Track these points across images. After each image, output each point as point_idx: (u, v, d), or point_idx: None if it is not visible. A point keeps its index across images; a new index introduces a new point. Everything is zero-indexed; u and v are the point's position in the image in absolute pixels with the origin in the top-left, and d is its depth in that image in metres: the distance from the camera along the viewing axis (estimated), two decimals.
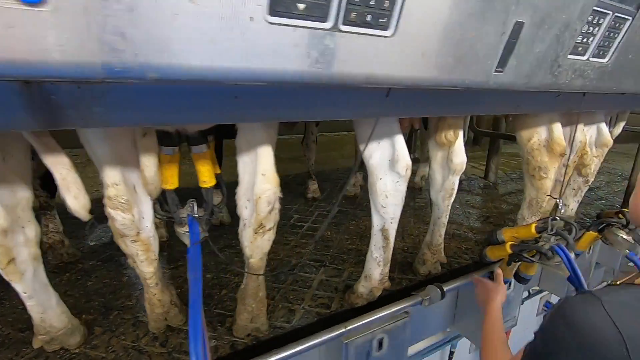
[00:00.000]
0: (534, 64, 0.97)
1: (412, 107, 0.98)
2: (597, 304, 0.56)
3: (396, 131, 1.45)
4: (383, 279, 1.71)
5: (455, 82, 0.83)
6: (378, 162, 1.52)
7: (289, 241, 2.58)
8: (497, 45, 0.86)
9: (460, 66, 0.83)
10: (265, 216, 1.25)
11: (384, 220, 1.61)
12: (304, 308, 1.83)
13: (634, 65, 1.26)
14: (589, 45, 1.08)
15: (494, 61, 0.88)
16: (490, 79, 0.91)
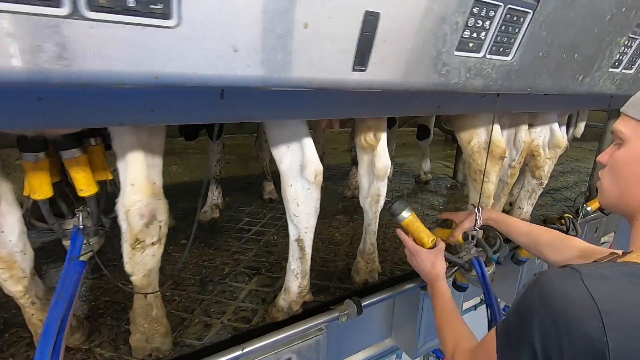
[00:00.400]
0: (407, 61, 0.85)
1: (251, 110, 0.86)
2: (575, 277, 0.53)
3: (304, 134, 1.33)
4: (302, 292, 1.59)
5: (295, 81, 0.71)
6: (288, 167, 1.40)
7: (230, 246, 2.46)
8: (349, 39, 0.74)
9: (299, 63, 0.70)
10: (141, 230, 1.12)
11: (298, 230, 1.49)
12: (223, 322, 1.71)
13: (546, 63, 1.15)
14: (482, 41, 0.96)
15: (349, 58, 0.76)
16: (348, 77, 0.79)
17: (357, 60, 0.77)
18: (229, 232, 2.68)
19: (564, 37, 1.14)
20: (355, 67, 0.78)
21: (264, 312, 1.78)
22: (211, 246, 2.46)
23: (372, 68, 0.81)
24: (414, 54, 0.85)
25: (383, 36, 0.77)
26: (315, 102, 1.00)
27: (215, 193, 2.80)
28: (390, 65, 0.83)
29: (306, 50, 0.70)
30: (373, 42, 0.77)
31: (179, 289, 1.96)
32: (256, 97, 0.84)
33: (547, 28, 1.07)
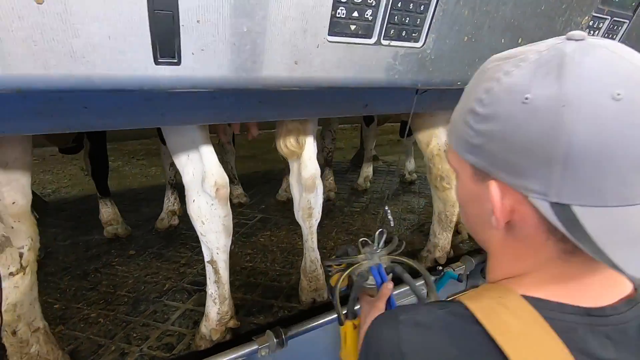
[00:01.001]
0: (244, 48, 0.63)
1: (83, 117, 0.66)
2: (393, 323, 0.50)
3: (202, 141, 1.13)
4: (222, 319, 1.40)
5: (49, 79, 0.51)
6: (190, 179, 1.21)
7: (180, 258, 2.28)
8: (137, 22, 0.53)
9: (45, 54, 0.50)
10: None
11: (210, 251, 1.30)
12: (142, 351, 1.53)
13: (476, 50, 0.91)
14: (370, 23, 0.73)
15: (141, 46, 0.55)
16: (152, 74, 0.58)
17: (160, 49, 0.56)
18: (184, 241, 2.50)
19: (499, 17, 0.90)
20: (160, 59, 0.57)
21: (191, 338, 1.59)
22: (160, 257, 2.28)
23: (191, 60, 0.60)
24: (260, 39, 0.63)
25: (195, 15, 0.56)
26: (187, 104, 0.79)
27: (171, 199, 2.63)
28: (223, 57, 0.62)
29: (59, 37, 0.49)
30: (178, 23, 0.56)
31: (108, 309, 1.79)
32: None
33: (471, 4, 0.83)
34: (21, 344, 1.13)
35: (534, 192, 0.41)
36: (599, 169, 0.37)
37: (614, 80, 0.37)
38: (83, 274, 2.08)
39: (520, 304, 0.46)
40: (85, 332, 1.62)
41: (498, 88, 0.43)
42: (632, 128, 0.37)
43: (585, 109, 0.37)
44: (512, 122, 0.41)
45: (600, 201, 0.38)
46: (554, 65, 0.39)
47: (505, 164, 0.43)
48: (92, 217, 2.85)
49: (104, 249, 2.36)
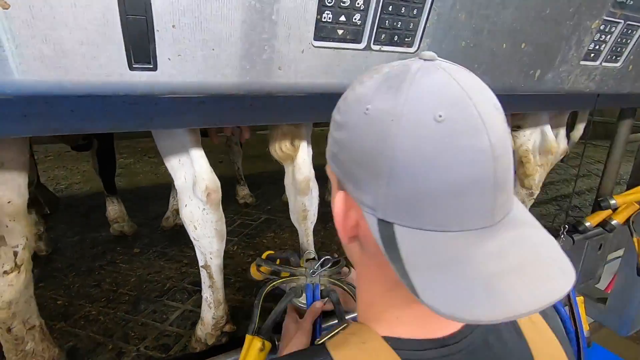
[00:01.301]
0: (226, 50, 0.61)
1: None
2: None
3: (192, 144, 1.12)
4: (218, 324, 1.39)
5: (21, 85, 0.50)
6: (182, 184, 1.20)
7: (183, 257, 2.29)
8: (109, 28, 0.52)
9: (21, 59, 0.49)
10: None
11: (203, 256, 1.29)
12: (138, 351, 1.54)
13: (478, 55, 0.87)
14: (359, 28, 0.70)
15: (114, 51, 0.54)
16: (127, 79, 0.57)
17: (134, 55, 0.55)
18: (188, 240, 2.42)
19: (499, 21, 0.86)
20: (135, 64, 0.56)
21: (187, 340, 1.59)
22: (163, 256, 2.30)
23: (167, 65, 0.58)
24: (240, 44, 0.61)
25: (170, 20, 0.55)
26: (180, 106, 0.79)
27: (177, 198, 2.64)
28: (201, 62, 0.60)
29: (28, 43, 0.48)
30: (152, 28, 0.54)
31: (109, 307, 1.81)
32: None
33: (468, 7, 0.80)
34: (16, 341, 1.14)
35: (366, 206, 0.41)
36: (417, 189, 0.37)
37: (441, 102, 0.37)
38: (88, 270, 2.11)
39: (382, 348, 0.45)
40: (85, 330, 1.64)
41: (351, 97, 0.44)
42: (447, 152, 0.37)
43: (409, 125, 0.37)
44: (355, 132, 0.41)
45: (416, 223, 0.38)
46: (396, 80, 0.40)
47: (350, 174, 0.43)
48: (101, 214, 2.89)
49: (110, 246, 2.40)
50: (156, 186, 3.82)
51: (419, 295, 0.36)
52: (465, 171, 0.37)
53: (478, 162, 0.37)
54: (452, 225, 0.38)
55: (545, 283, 0.37)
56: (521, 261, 0.38)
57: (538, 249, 0.40)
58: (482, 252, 0.38)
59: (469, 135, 0.37)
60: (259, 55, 0.64)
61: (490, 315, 0.34)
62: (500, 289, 0.35)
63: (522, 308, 0.35)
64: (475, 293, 0.35)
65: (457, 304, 0.35)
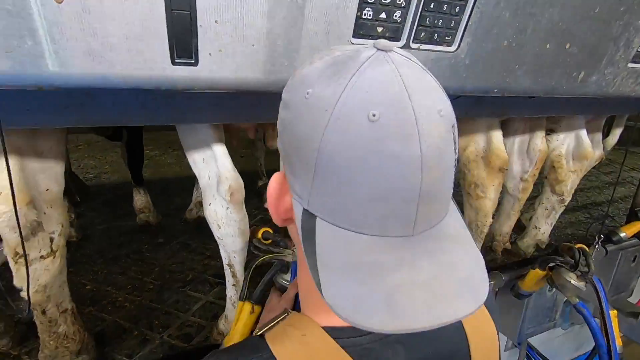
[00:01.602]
0: (270, 48, 0.61)
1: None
2: None
3: (216, 145, 1.13)
4: None
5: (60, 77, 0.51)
6: (207, 183, 1.22)
7: (206, 250, 2.33)
8: (154, 22, 0.52)
9: (70, 52, 0.50)
10: (17, 243, 0.99)
11: (227, 254, 1.30)
12: (162, 339, 1.58)
13: (520, 55, 0.83)
14: (399, 26, 0.68)
15: (158, 46, 0.54)
16: (169, 74, 0.57)
17: (177, 50, 0.56)
18: (211, 233, 2.53)
19: (544, 20, 0.82)
20: (177, 59, 0.56)
21: (209, 331, 1.62)
22: (186, 247, 2.35)
23: (208, 61, 0.58)
24: (280, 41, 0.61)
25: (213, 15, 0.55)
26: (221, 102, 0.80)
27: (200, 190, 2.69)
28: (241, 58, 0.60)
29: (78, 36, 0.49)
30: (195, 23, 0.54)
31: (134, 294, 1.86)
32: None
33: (513, 5, 0.76)
34: (50, 323, 1.19)
35: (295, 193, 0.40)
36: (339, 187, 0.36)
37: (378, 99, 0.35)
38: (115, 258, 2.18)
39: (322, 339, 0.45)
40: (112, 315, 1.70)
41: (297, 76, 0.41)
42: (375, 155, 0.35)
43: (341, 120, 0.35)
44: (295, 115, 0.39)
45: (335, 220, 0.37)
46: (342, 67, 0.37)
47: (287, 157, 0.41)
48: (127, 204, 2.98)
49: (135, 235, 2.46)
50: (180, 178, 3.90)
51: (323, 293, 0.36)
52: (390, 178, 0.35)
53: (404, 170, 0.35)
54: (369, 229, 0.37)
55: (448, 302, 0.36)
56: (431, 276, 0.37)
57: (453, 267, 0.39)
58: (393, 261, 0.37)
59: (399, 140, 0.35)
60: (297, 52, 0.64)
61: (384, 326, 0.34)
62: (400, 302, 0.35)
63: (416, 324, 0.35)
64: (376, 302, 0.35)
65: (356, 309, 0.35)
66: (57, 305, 1.20)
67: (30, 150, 1.01)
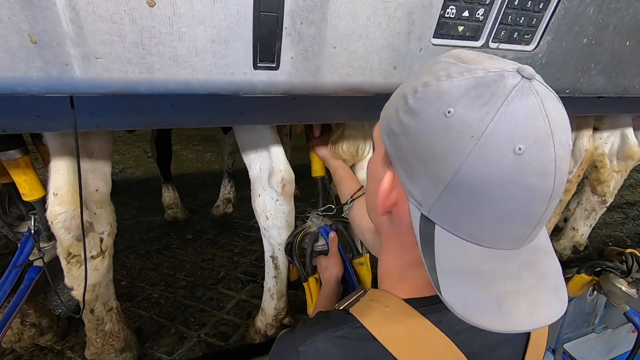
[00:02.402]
0: (350, 53, 0.58)
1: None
2: (294, 354, 0.50)
3: (272, 138, 1.12)
4: (278, 315, 1.40)
5: (152, 83, 0.49)
6: (257, 174, 1.20)
7: (234, 246, 2.34)
8: (241, 25, 0.49)
9: (155, 59, 0.48)
10: (71, 244, 1.00)
11: (271, 246, 1.29)
12: (199, 337, 1.58)
13: (597, 54, 0.78)
14: (480, 24, 0.64)
15: (242, 50, 0.52)
16: (250, 79, 0.55)
17: (260, 53, 0.53)
18: (237, 229, 2.56)
19: (629, 16, 0.77)
20: (259, 63, 0.54)
21: (245, 330, 1.62)
22: (215, 244, 2.36)
23: (288, 65, 0.56)
24: (361, 42, 0.58)
25: (299, 17, 0.52)
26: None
27: (228, 187, 2.69)
28: (320, 61, 0.57)
29: (166, 41, 0.47)
30: (281, 25, 0.52)
31: (168, 291, 1.87)
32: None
33: (599, 1, 0.71)
34: (97, 321, 1.20)
35: (413, 199, 0.43)
36: (468, 206, 0.39)
37: (525, 135, 0.37)
38: (146, 254, 2.20)
39: (403, 308, 0.50)
40: (148, 312, 1.71)
41: (433, 88, 0.41)
42: (512, 185, 0.37)
43: (487, 148, 0.37)
44: (427, 128, 0.40)
45: (455, 229, 0.41)
46: (489, 92, 0.38)
47: (405, 162, 0.43)
48: (154, 199, 3.01)
49: (165, 231, 2.48)
50: (202, 173, 3.92)
51: (441, 293, 0.40)
52: (520, 206, 0.39)
53: (536, 201, 0.39)
54: (485, 242, 0.41)
55: (544, 308, 0.42)
56: (530, 286, 0.42)
57: (546, 277, 0.44)
58: (502, 270, 0.42)
59: (538, 175, 0.38)
60: (378, 54, 0.61)
61: (495, 326, 0.40)
62: (508, 307, 0.40)
63: (520, 327, 0.40)
64: (488, 305, 0.40)
65: (470, 309, 0.40)
66: (104, 304, 1.20)
67: (82, 150, 1.01)
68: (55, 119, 0.69)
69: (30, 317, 1.38)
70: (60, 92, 0.47)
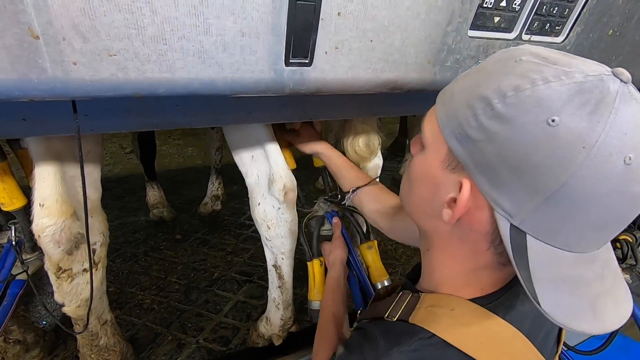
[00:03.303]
0: (387, 46, 0.52)
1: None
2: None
3: (267, 140, 1.05)
4: (285, 325, 1.35)
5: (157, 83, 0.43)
6: (255, 182, 1.13)
7: (226, 245, 2.26)
8: (275, 15, 0.43)
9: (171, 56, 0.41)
10: (61, 258, 0.91)
11: (274, 256, 1.23)
12: (198, 343, 1.52)
13: (621, 45, 0.76)
14: (516, 14, 0.60)
15: (274, 45, 0.46)
16: (278, 77, 0.49)
17: (294, 48, 0.47)
18: (228, 227, 2.48)
19: None
20: (292, 59, 0.48)
21: (245, 332, 1.57)
22: (206, 244, 2.27)
23: (322, 60, 0.50)
24: (399, 34, 0.53)
25: (336, 7, 0.46)
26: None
27: (215, 184, 2.59)
28: (356, 56, 0.52)
29: (190, 35, 0.40)
30: (318, 17, 0.46)
31: (161, 296, 1.79)
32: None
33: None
34: (92, 336, 1.12)
35: (501, 209, 0.41)
36: (569, 217, 0.38)
37: (633, 143, 0.36)
38: (133, 257, 2.09)
39: (472, 308, 0.49)
40: (141, 319, 1.63)
41: (530, 93, 0.38)
42: (618, 194, 0.37)
43: (599, 160, 0.35)
44: (524, 137, 0.38)
45: (548, 239, 0.40)
46: (593, 98, 0.36)
47: (490, 170, 0.40)
48: (136, 198, 2.87)
49: (151, 231, 2.37)
50: (185, 169, 3.78)
51: (540, 304, 0.40)
52: (620, 213, 0.38)
53: (634, 207, 0.38)
54: (576, 248, 0.40)
55: (623, 304, 0.43)
56: (611, 284, 0.43)
57: (618, 272, 0.45)
58: (590, 274, 0.42)
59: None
60: (415, 47, 0.56)
61: (590, 329, 0.40)
62: (600, 309, 0.41)
63: (609, 326, 0.41)
64: (584, 310, 0.41)
65: (569, 316, 0.40)
66: (98, 317, 1.12)
67: (69, 154, 0.91)
68: (46, 123, 0.61)
69: (14, 333, 1.27)
70: (66, 96, 0.40)
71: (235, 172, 1.19)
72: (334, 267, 1.17)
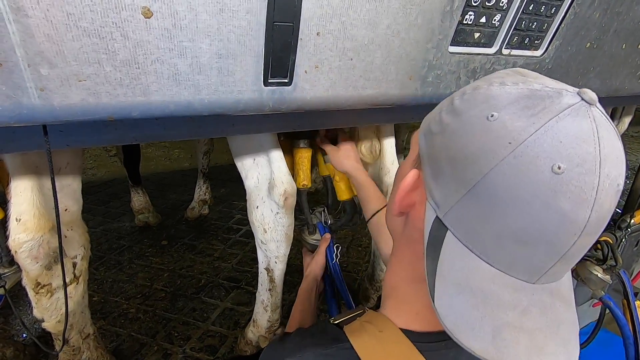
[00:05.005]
0: (366, 64, 0.52)
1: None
2: None
3: (270, 145, 1.04)
4: (272, 327, 1.35)
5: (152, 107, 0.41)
6: (254, 185, 1.13)
7: (214, 251, 2.24)
8: (243, 35, 0.42)
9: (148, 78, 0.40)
10: (39, 273, 0.88)
11: (267, 259, 1.23)
12: (185, 352, 1.50)
13: (594, 57, 0.78)
14: (495, 30, 0.61)
15: (252, 66, 0.45)
16: (257, 97, 0.48)
17: (272, 68, 0.46)
18: (215, 232, 2.45)
19: (628, 19, 0.77)
20: (271, 79, 0.47)
21: (233, 341, 1.55)
22: (192, 249, 2.24)
23: (301, 79, 0.49)
24: (379, 52, 0.52)
25: (315, 27, 0.45)
26: None
27: (203, 188, 2.57)
28: (336, 74, 0.51)
29: (164, 58, 0.39)
30: (297, 38, 0.45)
31: (146, 304, 1.76)
32: None
33: (605, 4, 0.70)
34: (73, 352, 1.09)
35: (432, 199, 0.40)
36: (488, 217, 0.36)
37: (569, 154, 0.33)
38: (118, 264, 2.05)
39: (399, 338, 0.47)
40: (126, 329, 1.60)
41: (482, 91, 0.39)
42: (542, 205, 0.34)
43: (523, 160, 0.34)
44: (465, 129, 0.38)
45: (467, 241, 0.38)
46: (540, 105, 0.35)
47: (435, 161, 0.41)
48: (120, 203, 2.82)
49: (136, 237, 2.34)
50: (171, 172, 3.72)
51: (435, 300, 0.38)
52: (544, 231, 0.35)
53: (565, 229, 0.35)
54: (498, 263, 0.38)
55: (544, 356, 0.38)
56: (537, 327, 0.38)
57: (558, 327, 0.40)
58: (509, 299, 0.38)
59: (573, 201, 0.34)
60: (395, 64, 0.56)
61: (480, 350, 0.36)
62: (505, 338, 0.37)
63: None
64: (483, 329, 0.37)
65: (461, 327, 0.37)
66: (80, 332, 1.10)
67: (47, 167, 0.88)
68: (17, 140, 0.59)
69: None
70: (33, 122, 0.38)
71: (223, 175, 1.18)
72: (306, 281, 1.14)
